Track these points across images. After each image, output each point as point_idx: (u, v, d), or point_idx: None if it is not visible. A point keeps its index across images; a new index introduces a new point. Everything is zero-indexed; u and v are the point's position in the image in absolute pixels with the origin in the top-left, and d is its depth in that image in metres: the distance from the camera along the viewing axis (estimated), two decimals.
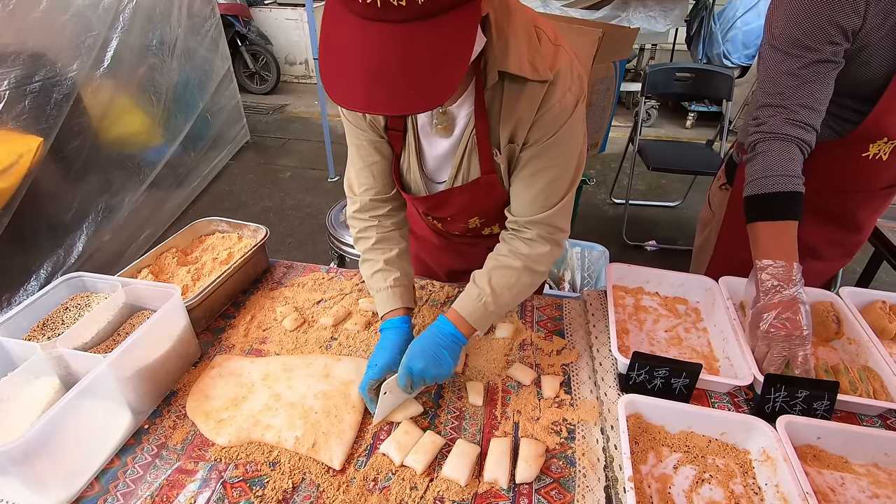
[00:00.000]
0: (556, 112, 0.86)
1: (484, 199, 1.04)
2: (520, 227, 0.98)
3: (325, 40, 0.69)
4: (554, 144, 0.90)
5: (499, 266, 0.98)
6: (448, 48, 0.65)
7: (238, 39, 5.49)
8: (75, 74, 2.47)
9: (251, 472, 0.87)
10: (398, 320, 1.02)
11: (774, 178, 1.05)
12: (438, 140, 0.97)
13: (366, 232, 1.08)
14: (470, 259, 1.32)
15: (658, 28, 4.54)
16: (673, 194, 4.03)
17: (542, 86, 0.84)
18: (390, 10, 0.61)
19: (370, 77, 0.65)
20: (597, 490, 0.84)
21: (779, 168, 1.06)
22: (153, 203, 3.25)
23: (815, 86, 1.06)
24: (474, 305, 0.97)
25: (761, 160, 1.08)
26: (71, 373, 0.91)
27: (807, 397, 0.93)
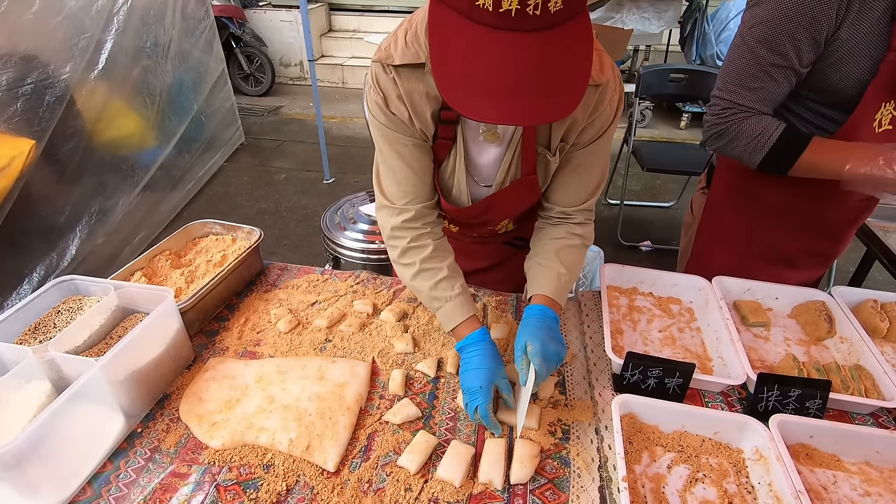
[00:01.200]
0: (607, 114, 0.92)
1: (522, 200, 1.07)
2: (569, 214, 1.05)
3: (441, 51, 0.67)
4: (602, 142, 0.96)
5: (564, 246, 1.03)
6: (575, 55, 0.66)
7: (232, 41, 5.48)
8: (68, 76, 2.46)
9: (245, 474, 0.86)
10: (480, 334, 0.97)
11: (763, 133, 1.10)
12: (487, 146, 0.98)
13: (420, 240, 1.00)
14: (478, 258, 1.34)
15: (652, 29, 4.57)
16: (668, 195, 4.05)
17: (596, 89, 0.88)
18: (524, 20, 0.61)
19: (505, 88, 0.64)
20: (591, 490, 0.84)
21: (760, 126, 1.10)
22: (147, 205, 3.24)
23: (771, 87, 1.09)
24: (557, 284, 0.99)
25: (738, 135, 1.13)
26: (63, 377, 0.90)
27: (799, 396, 0.93)
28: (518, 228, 1.22)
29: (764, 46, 1.05)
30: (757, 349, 1.13)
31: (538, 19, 0.61)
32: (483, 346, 0.95)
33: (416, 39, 0.84)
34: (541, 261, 1.04)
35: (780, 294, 1.24)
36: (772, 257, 1.37)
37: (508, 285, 1.33)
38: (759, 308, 1.21)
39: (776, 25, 1.02)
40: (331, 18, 6.65)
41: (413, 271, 1.00)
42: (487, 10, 0.60)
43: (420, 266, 1.00)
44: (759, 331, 1.18)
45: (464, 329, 0.98)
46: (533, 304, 0.99)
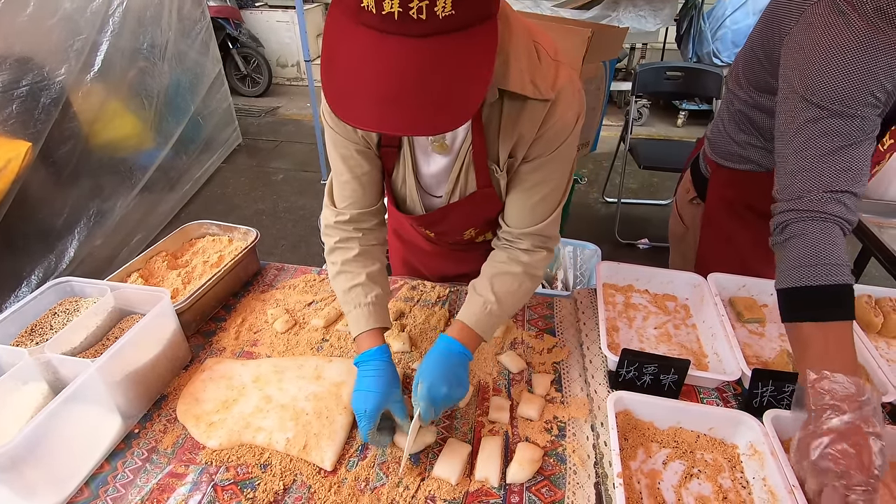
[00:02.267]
0: (557, 129, 0.86)
1: (481, 212, 1.03)
2: (514, 237, 0.98)
3: (329, 54, 0.64)
4: (553, 159, 0.89)
5: (499, 273, 0.96)
6: (469, 65, 0.62)
7: (229, 42, 5.47)
8: (64, 78, 2.45)
9: (242, 474, 0.87)
10: (377, 351, 0.91)
11: (819, 267, 0.85)
12: (435, 156, 0.95)
13: (347, 243, 0.99)
14: (462, 263, 1.32)
15: (648, 27, 4.57)
16: (665, 192, 4.05)
17: (545, 104, 0.83)
18: (409, 24, 0.57)
19: (386, 95, 0.61)
20: (587, 487, 0.84)
21: (823, 254, 0.86)
22: (145, 207, 3.24)
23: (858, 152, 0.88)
24: (480, 314, 0.93)
25: (798, 244, 0.89)
26: (60, 378, 0.90)
27: (794, 391, 0.93)
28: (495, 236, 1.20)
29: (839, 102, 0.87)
30: (752, 345, 1.14)
31: (425, 24, 0.57)
32: (378, 366, 0.89)
33: None
34: (475, 283, 0.98)
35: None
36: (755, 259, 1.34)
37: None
38: (754, 304, 1.21)
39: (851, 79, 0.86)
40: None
41: (335, 271, 1.00)
42: (371, 12, 0.57)
43: (341, 267, 0.99)
44: (754, 327, 1.19)
45: (365, 341, 0.93)
46: (449, 333, 0.92)
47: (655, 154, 3.36)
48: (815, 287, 0.86)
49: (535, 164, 0.90)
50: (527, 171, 0.92)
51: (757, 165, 1.24)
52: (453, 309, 1.24)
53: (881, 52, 0.85)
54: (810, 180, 0.89)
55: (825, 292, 0.85)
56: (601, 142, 3.81)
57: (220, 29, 5.18)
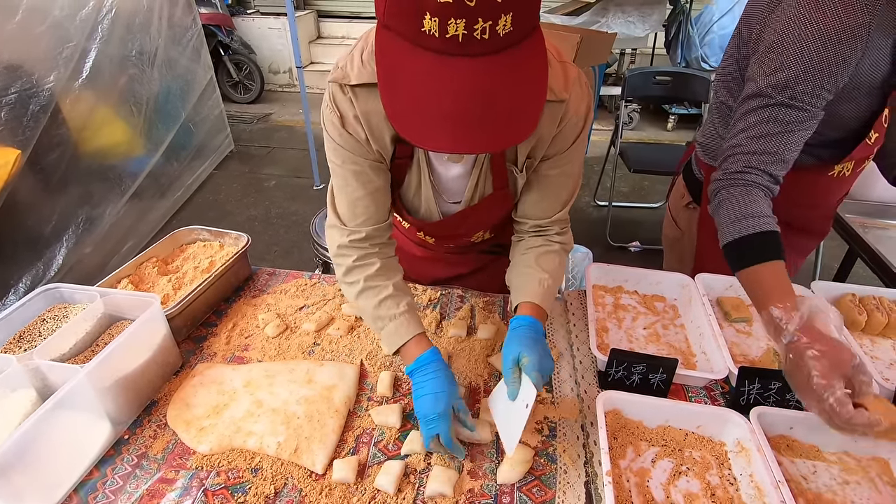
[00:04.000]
0: (572, 125, 0.89)
1: (495, 213, 1.06)
2: (544, 227, 1.02)
3: (388, 78, 0.65)
4: (571, 152, 0.93)
5: (543, 253, 1.00)
6: (529, 76, 0.64)
7: (221, 49, 5.47)
8: (53, 85, 2.45)
9: (233, 478, 0.86)
10: (431, 354, 0.90)
11: (741, 222, 0.98)
12: (451, 164, 0.96)
13: (366, 259, 0.96)
14: (454, 266, 1.34)
15: (637, 33, 4.62)
16: (655, 195, 4.09)
17: (561, 104, 0.86)
18: (472, 45, 0.59)
19: (456, 115, 0.62)
20: (577, 486, 0.85)
21: (743, 210, 0.99)
22: (135, 214, 3.22)
23: (792, 137, 1.00)
24: (541, 290, 0.95)
25: (726, 207, 1.02)
26: (48, 385, 0.90)
27: (780, 389, 0.95)
28: (495, 236, 1.22)
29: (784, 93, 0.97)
30: (739, 344, 1.15)
31: (487, 43, 0.59)
32: (437, 367, 0.89)
33: (373, 58, 0.79)
34: (522, 270, 1.00)
35: None
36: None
37: (488, 290, 1.33)
38: (741, 304, 1.23)
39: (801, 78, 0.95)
40: (319, 25, 6.66)
41: (357, 289, 0.95)
42: (434, 35, 0.58)
43: (364, 284, 0.95)
44: (741, 326, 1.20)
45: (411, 349, 0.91)
46: (521, 314, 0.94)
47: (646, 158, 3.39)
48: (746, 237, 0.98)
49: (555, 160, 0.94)
50: (548, 167, 0.95)
51: None
52: (444, 312, 1.25)
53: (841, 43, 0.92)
54: (741, 157, 1.03)
55: (755, 240, 0.97)
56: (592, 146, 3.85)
57: (212, 36, 5.18)
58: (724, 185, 1.04)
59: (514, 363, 0.86)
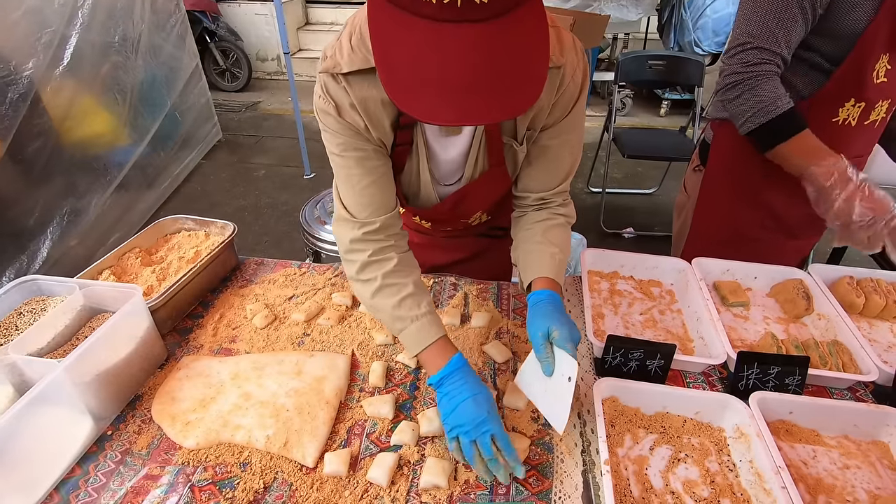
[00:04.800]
0: (570, 91, 0.88)
1: (493, 191, 1.04)
2: (547, 199, 1.00)
3: (385, 52, 0.61)
4: (569, 120, 0.92)
5: (550, 227, 0.99)
6: (531, 42, 0.61)
7: (206, 36, 5.35)
8: (32, 73, 2.37)
9: (221, 473, 0.84)
10: (458, 359, 0.86)
11: (773, 104, 1.12)
12: (450, 141, 0.93)
13: (383, 254, 0.91)
14: (451, 251, 1.32)
15: (630, 17, 4.57)
16: (649, 181, 4.07)
17: (557, 71, 0.84)
18: (471, 9, 0.55)
19: (460, 86, 0.59)
20: (574, 475, 0.83)
21: (771, 94, 1.13)
22: (122, 205, 3.16)
23: (795, 28, 1.10)
24: (552, 263, 0.94)
25: (750, 95, 1.14)
26: (26, 380, 0.87)
27: (779, 373, 0.93)
28: (492, 218, 1.19)
29: None
30: (737, 328, 1.13)
31: (487, 7, 0.56)
32: (468, 372, 0.85)
33: (363, 42, 0.78)
34: (530, 246, 0.97)
35: (759, 273, 1.25)
36: (772, 226, 1.40)
37: (487, 276, 1.31)
38: (738, 288, 1.21)
39: None
40: (307, 11, 6.54)
41: (374, 287, 0.90)
42: (431, 2, 0.55)
43: (382, 281, 0.89)
44: (738, 310, 1.19)
45: (435, 355, 0.86)
46: (537, 289, 0.90)
47: (639, 143, 3.36)
48: (778, 117, 1.13)
49: (555, 129, 0.92)
50: (548, 137, 0.94)
51: None
52: (437, 300, 1.22)
53: None
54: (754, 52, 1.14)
55: (786, 117, 1.13)
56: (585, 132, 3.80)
57: (197, 22, 5.07)
58: (746, 78, 1.15)
59: (545, 338, 0.83)
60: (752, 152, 1.28)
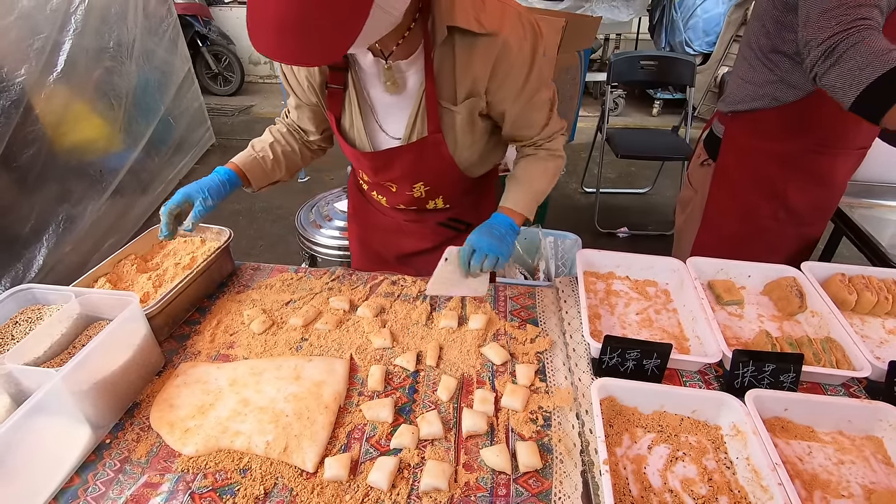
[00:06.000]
0: (519, 64, 0.94)
1: (430, 161, 1.09)
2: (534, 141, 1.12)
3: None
4: (528, 90, 0.99)
5: (527, 163, 1.12)
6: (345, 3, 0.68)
7: (198, 40, 5.35)
8: (24, 80, 2.36)
9: (221, 480, 0.84)
10: (226, 170, 1.13)
11: (885, 55, 0.96)
12: (387, 95, 1.02)
13: (279, 125, 1.24)
14: (413, 238, 1.37)
15: (621, 17, 4.60)
16: (642, 181, 4.09)
17: (494, 40, 0.90)
18: None
19: (277, 22, 0.68)
20: (573, 475, 0.84)
21: (879, 47, 0.97)
22: (117, 211, 3.14)
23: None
24: (519, 195, 1.08)
25: (853, 53, 0.99)
26: (22, 390, 0.86)
27: (773, 371, 0.94)
28: (452, 209, 1.25)
29: None
30: (732, 327, 1.15)
31: None
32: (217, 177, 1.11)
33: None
34: (510, 179, 1.13)
35: (753, 272, 1.26)
36: (783, 216, 1.44)
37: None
38: (732, 287, 1.22)
39: None
40: None
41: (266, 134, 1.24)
42: None
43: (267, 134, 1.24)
44: (733, 309, 1.20)
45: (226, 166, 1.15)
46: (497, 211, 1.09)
47: (632, 143, 3.39)
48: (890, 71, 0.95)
49: (515, 101, 1.01)
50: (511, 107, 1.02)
51: (773, 100, 1.33)
52: (435, 303, 1.22)
53: None
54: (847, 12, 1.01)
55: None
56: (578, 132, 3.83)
57: (189, 26, 5.06)
58: (845, 37, 1.00)
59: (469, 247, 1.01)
60: (769, 143, 1.32)
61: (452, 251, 0.99)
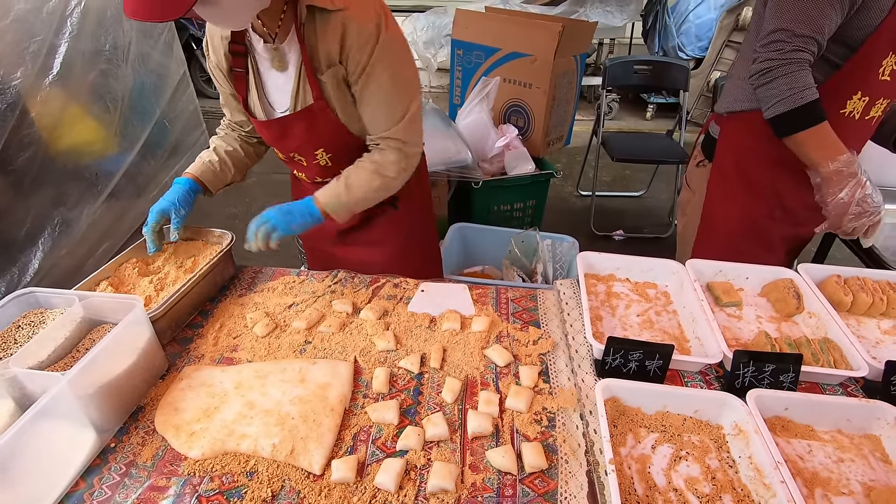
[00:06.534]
0: (361, 41, 1.04)
1: (321, 128, 1.18)
2: (373, 142, 1.18)
3: None
4: (375, 68, 1.07)
5: (355, 168, 1.18)
6: None
7: (193, 43, 5.33)
8: (20, 83, 2.34)
9: (227, 483, 0.84)
10: (185, 179, 1.26)
11: (801, 93, 1.18)
12: (278, 74, 1.15)
13: (219, 131, 1.38)
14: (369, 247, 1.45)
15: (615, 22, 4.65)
16: (637, 184, 4.12)
17: (341, 18, 1.02)
18: None
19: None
20: (579, 475, 0.85)
21: (801, 84, 1.18)
22: (113, 214, 3.12)
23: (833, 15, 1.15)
24: (331, 194, 1.17)
25: (782, 81, 1.20)
26: (27, 394, 0.86)
27: (773, 371, 0.96)
28: None
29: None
30: (731, 328, 1.16)
31: None
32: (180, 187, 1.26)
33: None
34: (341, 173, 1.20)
35: (750, 274, 1.28)
36: (779, 215, 1.46)
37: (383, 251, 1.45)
38: (730, 288, 1.24)
39: None
40: None
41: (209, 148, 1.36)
42: None
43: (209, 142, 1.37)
44: (731, 310, 1.21)
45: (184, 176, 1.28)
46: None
47: (627, 147, 3.41)
48: (802, 106, 1.19)
49: (364, 77, 1.08)
50: (361, 86, 1.10)
51: None
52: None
53: None
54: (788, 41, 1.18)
55: (810, 107, 1.19)
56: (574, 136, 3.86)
57: (183, 29, 5.04)
58: (780, 65, 1.20)
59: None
60: (764, 143, 1.35)
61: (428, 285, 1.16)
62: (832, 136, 1.21)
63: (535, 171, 2.79)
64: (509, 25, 2.73)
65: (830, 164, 1.20)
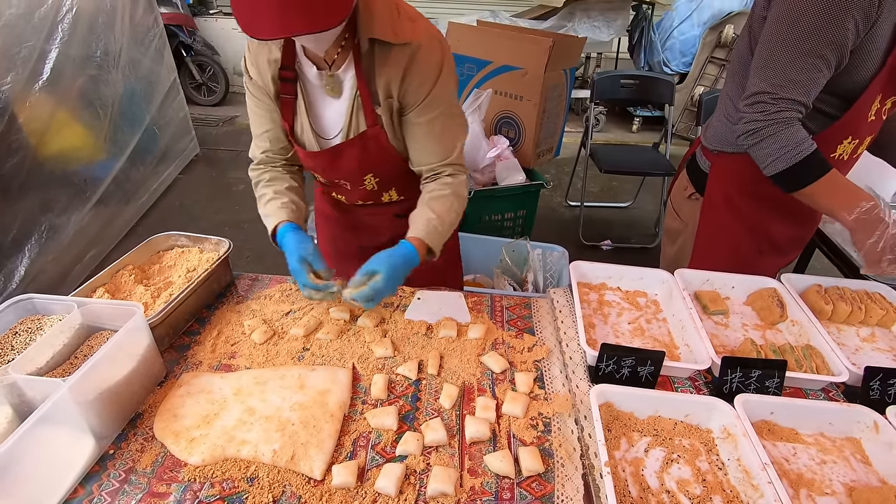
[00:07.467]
0: (425, 73, 1.06)
1: (374, 153, 1.18)
2: (436, 170, 1.18)
3: None
4: (434, 98, 1.09)
5: (434, 197, 1.17)
6: None
7: (183, 50, 5.32)
8: (9, 88, 2.33)
9: (228, 489, 0.84)
10: (291, 224, 1.17)
11: (796, 148, 1.14)
12: (331, 101, 1.14)
13: (260, 175, 1.27)
14: (371, 233, 1.44)
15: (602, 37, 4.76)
16: (624, 195, 4.21)
17: (405, 50, 1.03)
18: None
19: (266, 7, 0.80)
20: (575, 478, 0.87)
21: (793, 140, 1.14)
22: (100, 221, 3.09)
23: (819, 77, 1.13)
24: (427, 228, 1.13)
25: (771, 141, 1.16)
26: (25, 401, 0.86)
27: (759, 376, 1.00)
28: (406, 200, 1.32)
29: (814, 36, 1.08)
30: (718, 335, 1.20)
31: None
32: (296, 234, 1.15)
33: None
34: (415, 212, 1.17)
35: (736, 283, 1.32)
36: (766, 248, 1.49)
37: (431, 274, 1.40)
38: (717, 297, 1.28)
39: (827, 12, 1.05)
40: None
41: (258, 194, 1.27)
42: None
43: (257, 193, 1.27)
44: (719, 318, 1.25)
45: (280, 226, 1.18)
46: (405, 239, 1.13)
47: (615, 159, 3.49)
48: (803, 160, 1.14)
49: (418, 111, 1.10)
50: (416, 116, 1.12)
51: None
52: None
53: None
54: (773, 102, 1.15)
55: (811, 159, 1.14)
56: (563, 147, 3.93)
57: (174, 36, 5.04)
58: (766, 125, 1.16)
59: (365, 274, 1.08)
60: (752, 183, 1.34)
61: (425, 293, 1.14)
62: (842, 183, 1.16)
63: (526, 181, 2.84)
64: (501, 39, 2.79)
65: (850, 214, 1.13)
